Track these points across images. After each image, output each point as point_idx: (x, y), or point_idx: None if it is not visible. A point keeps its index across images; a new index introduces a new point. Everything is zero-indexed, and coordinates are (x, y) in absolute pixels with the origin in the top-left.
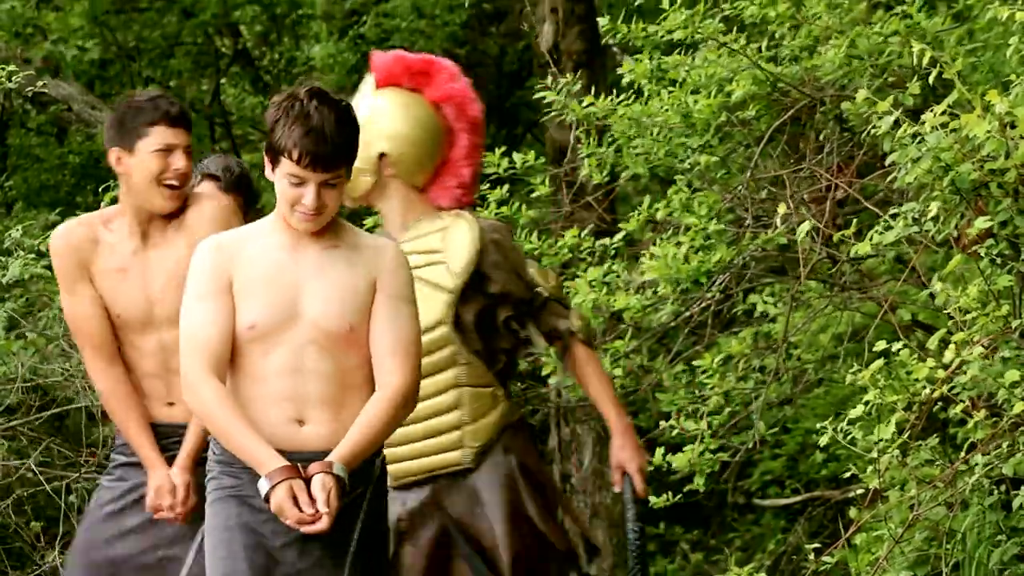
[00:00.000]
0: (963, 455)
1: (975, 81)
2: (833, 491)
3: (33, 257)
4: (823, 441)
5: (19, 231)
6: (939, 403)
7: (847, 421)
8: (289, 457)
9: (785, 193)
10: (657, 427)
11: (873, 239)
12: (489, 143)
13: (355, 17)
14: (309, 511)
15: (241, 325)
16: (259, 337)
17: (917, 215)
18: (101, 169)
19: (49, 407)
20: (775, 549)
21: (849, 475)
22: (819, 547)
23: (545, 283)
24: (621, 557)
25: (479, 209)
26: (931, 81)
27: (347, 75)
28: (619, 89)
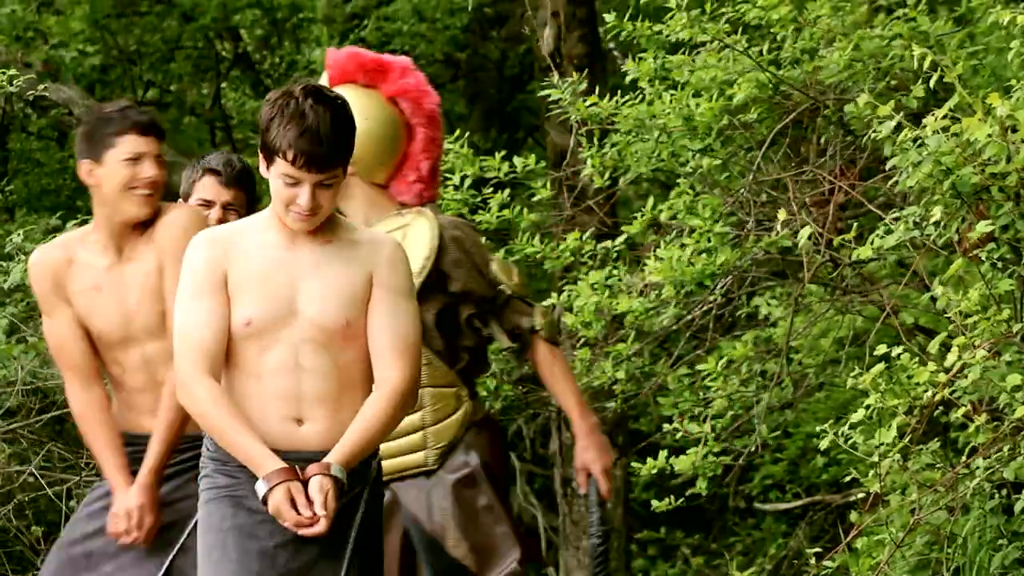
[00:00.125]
0: (964, 459)
1: (976, 85)
2: (834, 495)
3: None
4: (824, 445)
5: (20, 236)
6: (940, 407)
7: (848, 425)
8: (286, 457)
9: (787, 197)
10: (658, 431)
11: (874, 243)
12: (490, 147)
13: (356, 21)
14: (307, 513)
15: (237, 322)
16: (255, 334)
17: (918, 219)
18: None
19: (49, 410)
20: (776, 553)
21: (850, 479)
22: (820, 551)
23: (508, 280)
24: (621, 562)
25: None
26: (932, 85)
27: None
28: (621, 91)
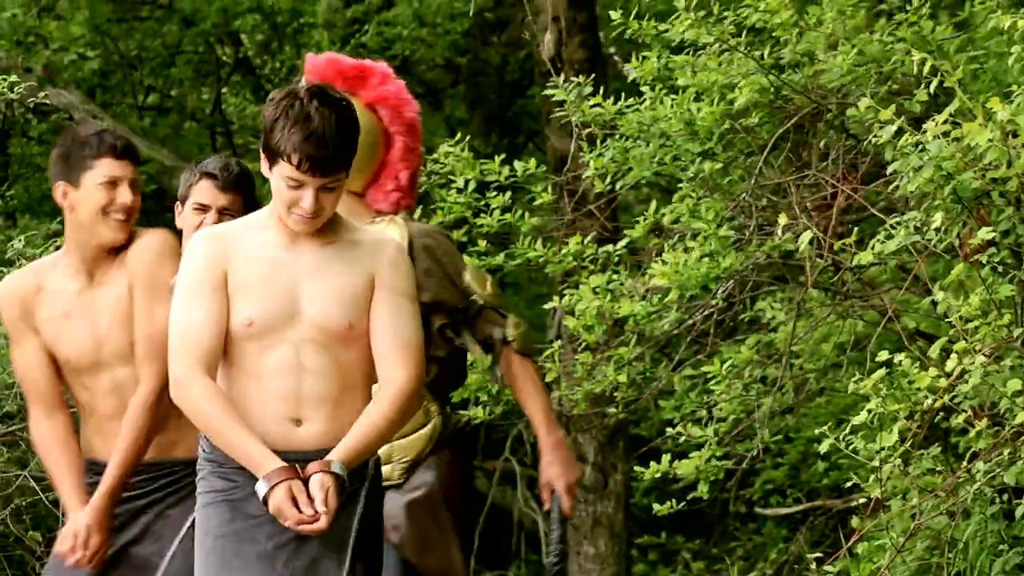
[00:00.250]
0: (965, 464)
1: (977, 90)
2: (835, 500)
3: None
4: (824, 449)
5: (21, 241)
6: (941, 412)
7: (849, 430)
8: (283, 457)
9: (789, 201)
10: (659, 436)
11: (875, 248)
12: (490, 152)
13: (356, 26)
14: (309, 512)
15: (237, 321)
16: (256, 334)
17: (919, 224)
18: None
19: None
20: (777, 558)
21: (851, 484)
22: (821, 556)
23: (481, 290)
24: (622, 567)
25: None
26: (933, 89)
27: None
28: (623, 96)
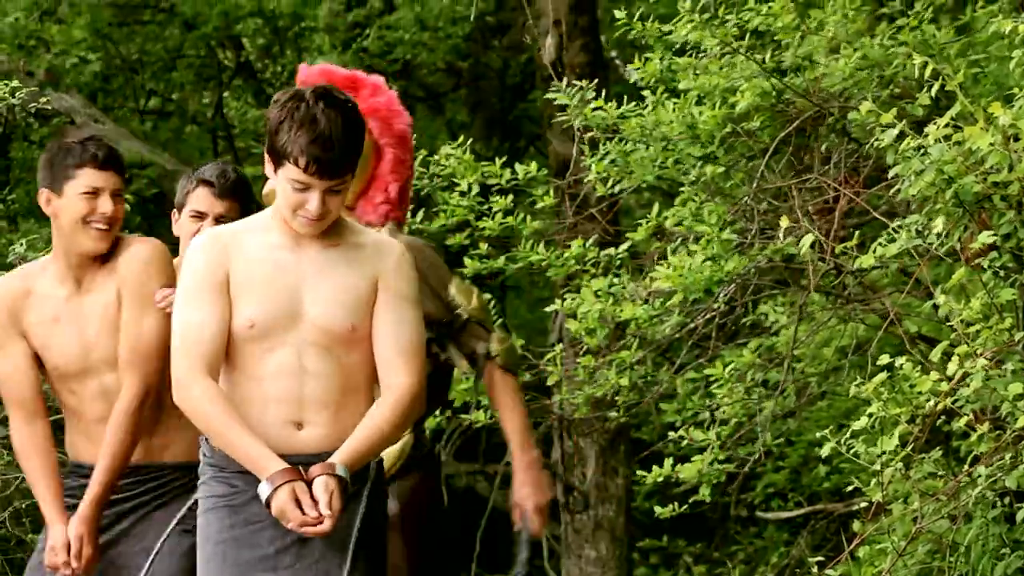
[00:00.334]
0: (966, 468)
1: (978, 94)
2: (836, 504)
3: None
4: (826, 453)
5: (23, 245)
6: (942, 416)
7: (850, 434)
8: (286, 460)
9: (790, 205)
10: (661, 440)
11: (877, 251)
12: (491, 156)
13: (358, 30)
14: (312, 513)
15: (239, 323)
16: (258, 336)
17: (921, 228)
18: None
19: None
20: (778, 562)
21: (852, 488)
22: (822, 560)
23: (467, 303)
24: (624, 570)
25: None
26: (935, 93)
27: None
28: (624, 100)
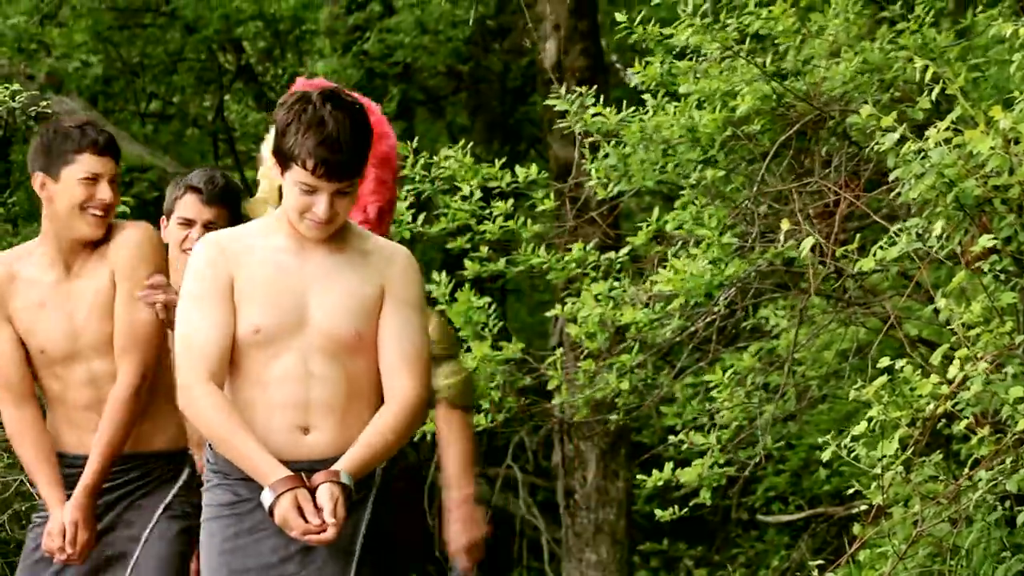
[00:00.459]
0: (967, 471)
1: (978, 97)
2: (837, 507)
3: None
4: (826, 457)
5: None
6: (943, 419)
7: (851, 437)
8: (290, 466)
9: (791, 208)
10: (661, 443)
11: (877, 255)
12: (492, 158)
13: (358, 33)
14: (315, 521)
15: (244, 328)
16: (263, 341)
17: (921, 231)
18: None
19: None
20: (779, 565)
21: (853, 491)
22: (823, 563)
23: (437, 339)
24: (624, 574)
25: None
26: (935, 97)
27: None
28: (624, 104)
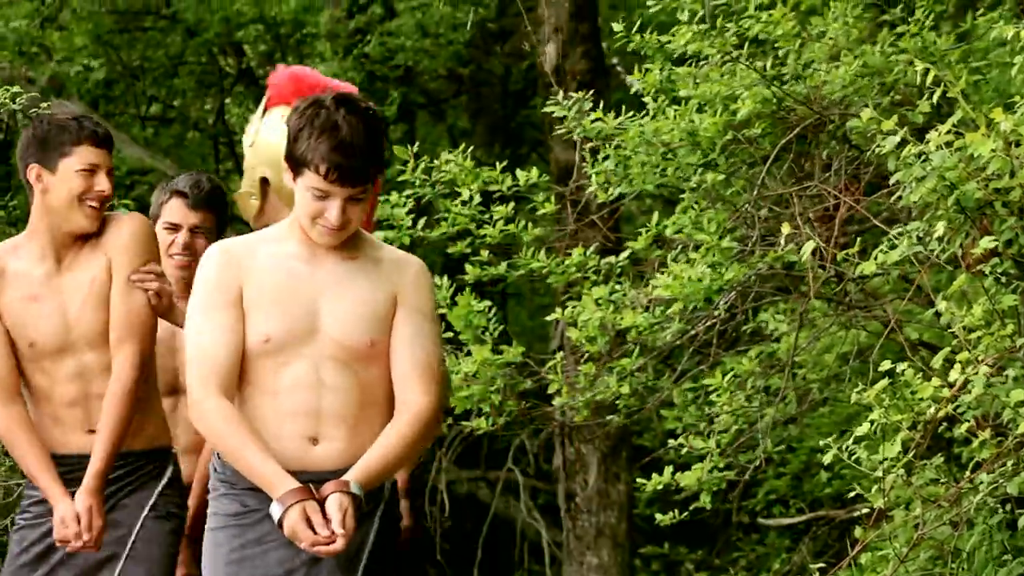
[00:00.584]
0: (968, 474)
1: (979, 100)
2: (838, 510)
3: None
4: (827, 460)
5: None
6: (944, 422)
7: (852, 440)
8: (300, 477)
9: (791, 212)
10: (662, 446)
11: (878, 258)
12: (493, 162)
13: (359, 36)
14: (324, 533)
15: (254, 338)
16: (274, 351)
17: (922, 234)
18: None
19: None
20: (780, 569)
21: (854, 494)
22: (824, 566)
23: None
24: None
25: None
26: (936, 100)
27: None
28: (625, 107)
